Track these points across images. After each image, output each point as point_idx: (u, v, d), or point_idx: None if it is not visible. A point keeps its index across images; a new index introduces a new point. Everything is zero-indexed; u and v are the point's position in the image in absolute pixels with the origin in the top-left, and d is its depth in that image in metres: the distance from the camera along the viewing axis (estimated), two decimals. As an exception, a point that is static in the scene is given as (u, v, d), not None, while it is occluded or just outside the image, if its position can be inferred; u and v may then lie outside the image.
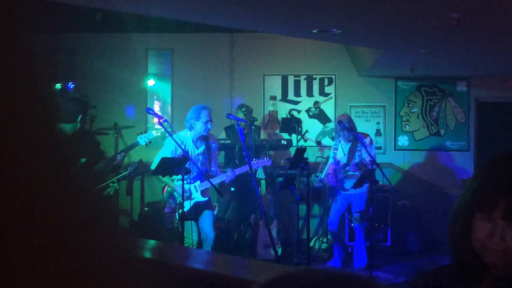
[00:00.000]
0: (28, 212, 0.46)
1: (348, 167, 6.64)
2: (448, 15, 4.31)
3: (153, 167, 5.55)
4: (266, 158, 6.04)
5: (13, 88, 0.48)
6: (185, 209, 5.61)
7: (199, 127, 5.65)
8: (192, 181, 5.63)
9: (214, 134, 6.30)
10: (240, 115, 7.24)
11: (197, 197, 5.73)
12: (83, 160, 4.79)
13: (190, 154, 5.59)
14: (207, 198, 5.81)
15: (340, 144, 6.85)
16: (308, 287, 0.70)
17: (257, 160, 6.07)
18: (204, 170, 5.69)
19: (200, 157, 5.76)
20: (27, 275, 0.45)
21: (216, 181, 5.74)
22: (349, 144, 6.72)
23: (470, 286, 1.46)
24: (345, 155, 6.77)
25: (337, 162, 6.84)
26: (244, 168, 5.82)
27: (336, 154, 6.87)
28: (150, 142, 6.00)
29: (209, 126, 5.67)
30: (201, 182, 5.73)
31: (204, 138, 5.77)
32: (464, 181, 7.65)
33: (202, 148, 5.78)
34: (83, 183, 0.54)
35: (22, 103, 0.48)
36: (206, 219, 5.78)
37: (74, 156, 0.55)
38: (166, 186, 5.76)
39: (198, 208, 5.75)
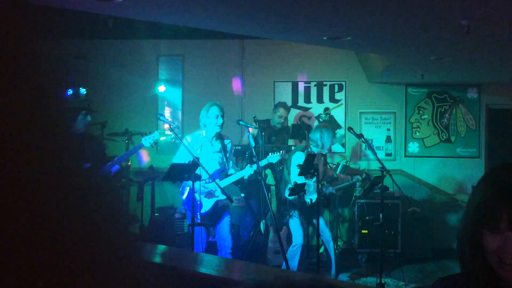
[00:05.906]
0: (35, 213, 0.48)
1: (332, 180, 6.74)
2: (458, 22, 4.31)
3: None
4: (276, 153, 6.11)
5: (24, 92, 0.49)
6: (207, 208, 5.62)
7: (210, 123, 5.69)
8: (210, 181, 5.61)
9: (229, 138, 6.33)
10: (276, 116, 7.72)
11: (219, 195, 5.72)
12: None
13: (207, 153, 5.70)
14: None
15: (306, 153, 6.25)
16: None
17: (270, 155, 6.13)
18: (222, 168, 5.73)
19: (218, 155, 5.80)
20: (32, 277, 0.46)
21: (235, 177, 5.80)
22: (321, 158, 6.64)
23: None
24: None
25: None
26: (264, 161, 6.02)
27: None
28: (155, 144, 6.01)
29: (219, 120, 5.69)
30: (220, 180, 5.74)
31: (220, 137, 5.81)
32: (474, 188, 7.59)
33: (218, 147, 5.81)
34: (90, 186, 0.56)
35: (32, 106, 0.50)
36: (224, 225, 5.78)
37: (80, 159, 0.56)
38: (188, 188, 5.66)
39: (217, 209, 5.76)
